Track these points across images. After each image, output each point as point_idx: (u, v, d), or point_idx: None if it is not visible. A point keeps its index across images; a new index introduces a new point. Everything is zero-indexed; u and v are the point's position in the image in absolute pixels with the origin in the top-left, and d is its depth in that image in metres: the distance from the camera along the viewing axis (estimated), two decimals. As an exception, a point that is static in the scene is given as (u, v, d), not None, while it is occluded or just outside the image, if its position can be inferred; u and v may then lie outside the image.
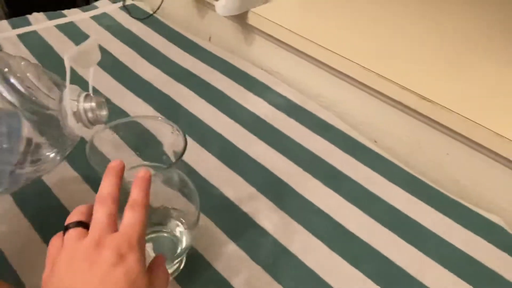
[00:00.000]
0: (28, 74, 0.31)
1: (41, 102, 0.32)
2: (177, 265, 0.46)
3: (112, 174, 0.32)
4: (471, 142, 0.58)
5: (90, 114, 0.35)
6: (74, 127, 0.35)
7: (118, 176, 0.32)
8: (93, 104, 0.36)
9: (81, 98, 0.35)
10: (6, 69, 0.30)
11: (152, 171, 0.34)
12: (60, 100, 0.34)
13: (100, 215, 0.30)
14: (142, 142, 0.44)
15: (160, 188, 0.41)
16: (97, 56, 0.38)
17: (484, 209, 0.58)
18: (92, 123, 0.36)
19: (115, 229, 0.30)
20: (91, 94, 0.36)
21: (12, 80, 0.30)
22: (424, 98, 0.59)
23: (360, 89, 0.69)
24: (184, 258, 0.47)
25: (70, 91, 0.34)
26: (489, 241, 0.53)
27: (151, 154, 0.44)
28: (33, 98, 0.31)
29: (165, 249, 0.44)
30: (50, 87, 0.33)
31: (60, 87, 0.35)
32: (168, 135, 0.42)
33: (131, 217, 0.30)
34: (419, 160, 0.66)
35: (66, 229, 0.30)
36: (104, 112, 0.37)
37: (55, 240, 0.30)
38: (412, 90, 0.60)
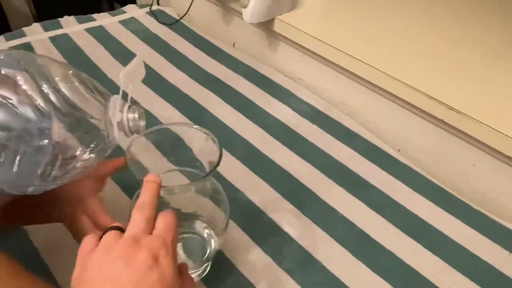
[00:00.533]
0: (76, 84, 0.33)
1: (85, 110, 0.33)
2: (204, 267, 0.47)
3: (151, 186, 0.33)
4: (499, 154, 0.58)
5: (131, 124, 0.37)
6: (116, 136, 0.36)
7: (156, 188, 0.33)
8: (136, 115, 0.37)
9: (125, 109, 0.36)
10: (57, 78, 0.32)
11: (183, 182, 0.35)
12: (105, 109, 0.35)
13: (138, 217, 0.31)
14: (175, 148, 0.46)
15: (193, 194, 0.42)
16: (143, 73, 0.40)
17: (510, 221, 0.57)
18: (132, 132, 0.38)
19: (151, 233, 0.31)
20: (133, 106, 0.38)
21: (61, 87, 0.32)
22: (452, 108, 0.59)
23: (385, 98, 0.69)
24: (211, 261, 0.48)
25: (115, 102, 0.36)
26: (515, 254, 0.53)
27: (184, 160, 0.46)
28: (78, 105, 0.33)
29: (194, 251, 0.46)
30: (94, 96, 0.35)
31: (103, 95, 0.36)
32: (198, 142, 0.43)
33: (164, 222, 0.31)
34: (444, 170, 0.66)
35: (104, 233, 0.31)
36: (142, 123, 0.38)
37: (89, 239, 0.31)
38: (440, 100, 0.60)
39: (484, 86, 0.64)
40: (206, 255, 0.44)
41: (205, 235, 0.46)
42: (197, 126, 0.43)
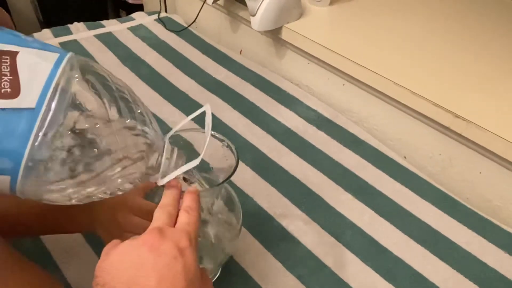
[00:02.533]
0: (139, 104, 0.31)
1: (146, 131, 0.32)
2: (215, 272, 0.47)
3: (172, 191, 0.34)
4: (505, 161, 0.58)
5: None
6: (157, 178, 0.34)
7: (177, 193, 0.34)
8: (180, 163, 0.35)
9: (174, 157, 0.34)
10: (130, 99, 0.31)
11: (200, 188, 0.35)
12: (158, 144, 0.33)
13: (161, 214, 0.31)
14: (187, 154, 0.46)
15: (206, 200, 0.43)
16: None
17: (517, 229, 0.58)
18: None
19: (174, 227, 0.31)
20: (182, 154, 0.35)
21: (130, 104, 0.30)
22: (458, 116, 0.59)
23: (391, 105, 0.70)
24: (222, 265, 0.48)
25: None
26: (523, 261, 0.53)
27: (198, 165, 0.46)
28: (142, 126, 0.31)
29: (207, 255, 0.46)
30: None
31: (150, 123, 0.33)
32: (211, 147, 0.44)
33: (187, 217, 0.32)
34: (450, 178, 0.66)
35: None
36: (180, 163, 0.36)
37: (116, 240, 0.31)
38: (446, 108, 0.60)
39: (490, 94, 0.65)
40: (219, 261, 0.44)
41: (218, 240, 0.46)
42: (213, 132, 0.43)
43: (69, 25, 0.92)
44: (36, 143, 0.26)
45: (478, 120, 0.59)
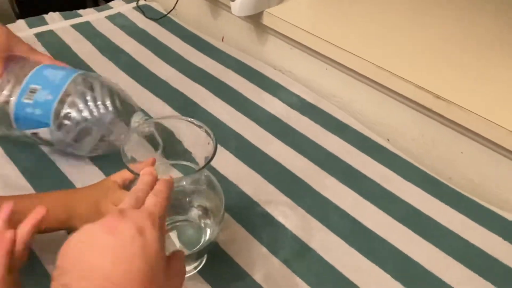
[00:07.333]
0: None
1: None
2: (200, 259, 0.47)
3: (146, 178, 0.33)
4: (486, 141, 0.59)
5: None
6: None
7: (152, 180, 0.33)
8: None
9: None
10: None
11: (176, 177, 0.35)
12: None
13: (128, 198, 0.31)
14: (168, 142, 0.46)
15: (188, 186, 0.43)
16: None
17: (497, 206, 0.59)
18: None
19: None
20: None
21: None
22: (439, 97, 0.60)
23: (374, 88, 0.70)
24: (206, 253, 0.48)
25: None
26: (503, 237, 0.54)
27: (177, 153, 0.46)
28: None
29: (191, 240, 0.46)
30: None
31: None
32: (191, 135, 0.43)
33: (153, 200, 0.31)
34: (433, 159, 0.67)
35: None
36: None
37: None
38: (427, 89, 0.61)
39: (470, 74, 0.65)
40: (201, 243, 0.44)
41: (202, 224, 0.46)
42: (191, 119, 0.43)
43: (44, 15, 0.89)
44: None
45: (459, 100, 0.59)
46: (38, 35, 0.83)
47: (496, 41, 0.74)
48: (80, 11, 0.92)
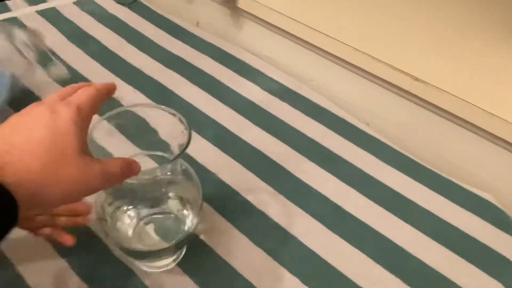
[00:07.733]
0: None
1: None
2: (179, 252, 0.46)
3: (83, 84, 0.34)
4: (464, 122, 0.59)
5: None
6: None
7: (95, 93, 0.33)
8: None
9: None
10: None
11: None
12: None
13: (55, 94, 0.32)
14: (141, 132, 0.44)
15: (163, 177, 0.41)
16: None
17: (476, 186, 0.59)
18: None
19: None
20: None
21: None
22: (417, 79, 0.59)
23: (351, 71, 0.69)
24: (186, 245, 0.47)
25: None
26: (481, 217, 0.55)
27: (151, 143, 0.44)
28: None
29: (169, 231, 0.44)
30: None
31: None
32: (165, 123, 0.41)
33: (79, 92, 0.32)
34: (412, 141, 0.67)
35: None
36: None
37: None
38: (405, 72, 0.60)
39: (447, 55, 0.65)
40: (180, 235, 0.43)
41: (180, 216, 0.45)
42: (163, 107, 0.41)
43: (7, 1, 0.84)
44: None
45: (437, 82, 0.59)
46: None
47: (475, 24, 0.73)
48: (46, -4, 0.87)
